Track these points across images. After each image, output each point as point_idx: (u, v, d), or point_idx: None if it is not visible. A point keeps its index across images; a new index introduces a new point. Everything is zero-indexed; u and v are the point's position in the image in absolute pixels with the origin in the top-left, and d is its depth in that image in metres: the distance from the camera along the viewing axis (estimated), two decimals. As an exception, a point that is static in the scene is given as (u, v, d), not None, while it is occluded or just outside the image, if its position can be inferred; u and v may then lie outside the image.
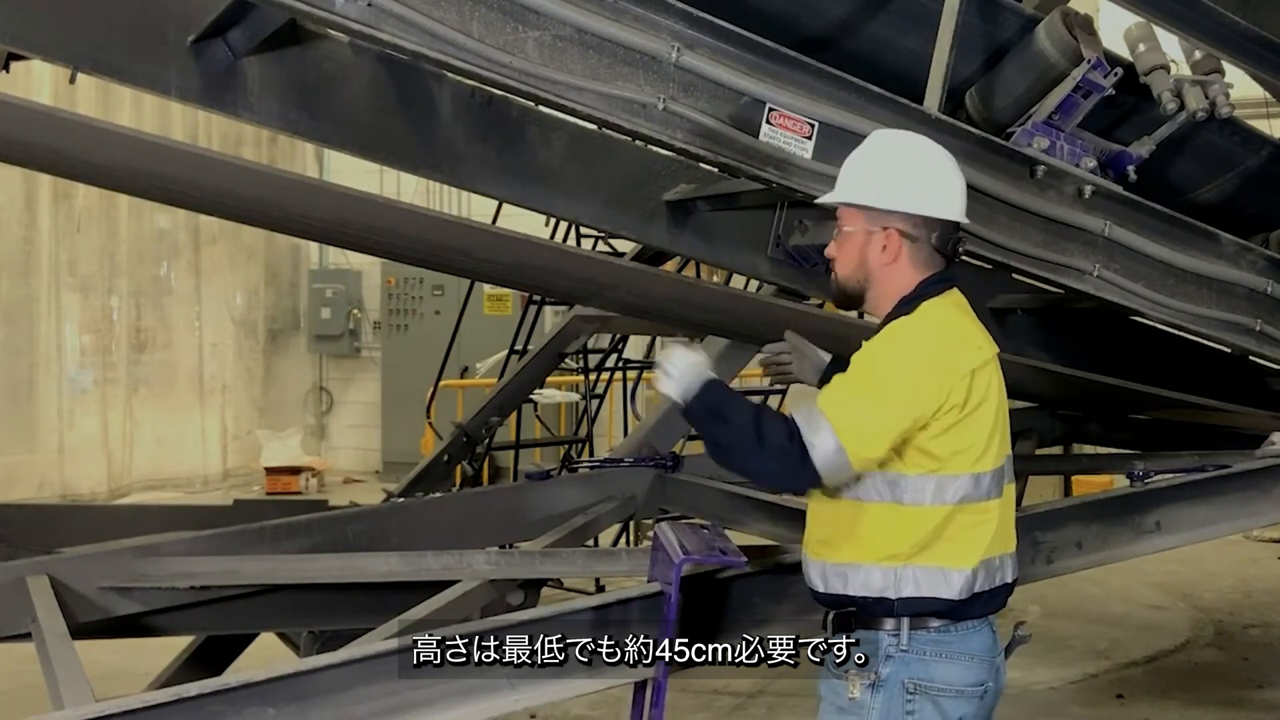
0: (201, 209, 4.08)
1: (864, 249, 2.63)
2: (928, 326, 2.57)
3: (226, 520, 4.15)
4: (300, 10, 2.54)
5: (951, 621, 2.56)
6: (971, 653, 2.58)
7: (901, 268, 2.62)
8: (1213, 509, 4.02)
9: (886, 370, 2.52)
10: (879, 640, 2.56)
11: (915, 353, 2.54)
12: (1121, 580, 7.52)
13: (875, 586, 2.56)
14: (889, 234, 2.61)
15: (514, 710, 2.69)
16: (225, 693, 2.40)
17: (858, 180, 2.65)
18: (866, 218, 2.62)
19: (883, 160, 2.65)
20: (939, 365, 2.52)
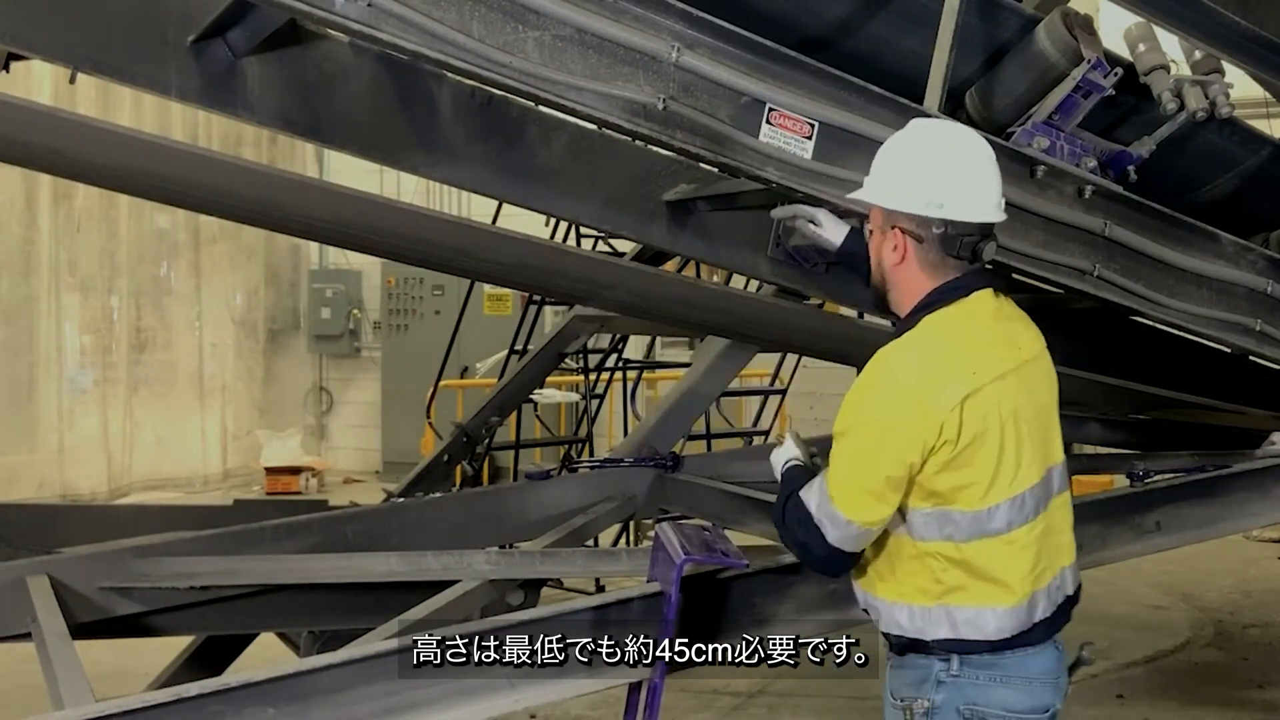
0: (201, 209, 4.08)
1: (879, 249, 2.57)
2: (909, 358, 2.45)
3: (226, 520, 4.15)
4: (300, 10, 2.53)
5: (1008, 648, 2.46)
6: (1030, 676, 2.48)
7: (910, 270, 2.52)
8: (1213, 509, 4.03)
9: (866, 420, 2.44)
10: (930, 666, 2.48)
11: (891, 394, 2.42)
12: (1121, 580, 7.52)
13: (904, 627, 2.50)
14: (895, 233, 2.52)
15: (514, 710, 2.69)
16: (225, 693, 2.40)
17: (875, 176, 2.58)
18: (882, 215, 2.55)
19: (902, 155, 2.56)
20: (918, 403, 2.38)
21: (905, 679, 2.52)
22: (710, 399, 5.69)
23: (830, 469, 2.48)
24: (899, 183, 2.52)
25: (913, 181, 2.50)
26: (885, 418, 2.41)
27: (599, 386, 8.65)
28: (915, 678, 2.50)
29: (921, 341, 2.47)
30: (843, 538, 2.45)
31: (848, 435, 2.46)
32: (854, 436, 2.45)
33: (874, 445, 2.41)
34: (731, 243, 3.86)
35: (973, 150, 2.57)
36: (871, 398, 2.45)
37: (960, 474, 2.40)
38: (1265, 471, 4.15)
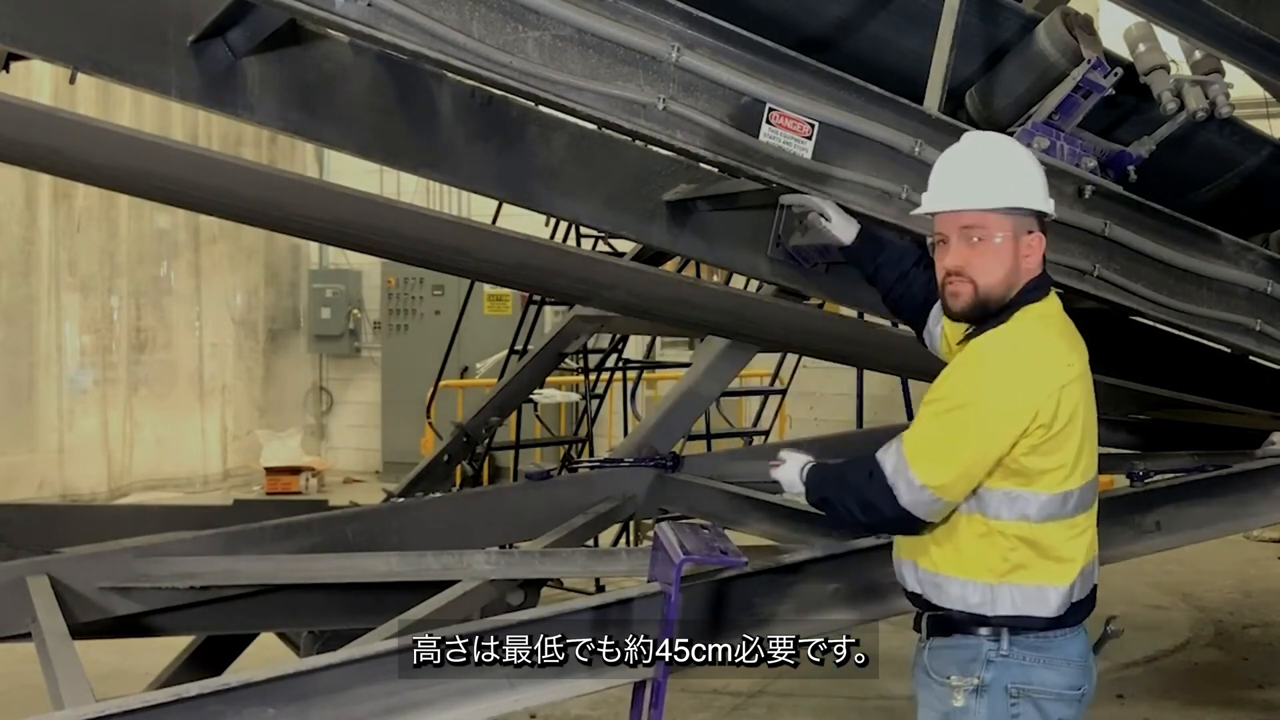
0: (201, 209, 4.08)
1: (1014, 254, 2.58)
2: (1016, 342, 2.55)
3: (226, 520, 4.15)
4: (300, 10, 2.53)
5: (1052, 628, 2.57)
6: (1069, 658, 2.59)
7: (1035, 268, 2.62)
8: (1213, 509, 4.03)
9: (968, 394, 2.51)
10: (980, 646, 2.56)
11: (1000, 372, 2.51)
12: (1121, 580, 7.52)
13: (972, 603, 2.57)
14: (1035, 237, 2.60)
15: (514, 710, 2.69)
16: (225, 693, 2.40)
17: (998, 181, 2.59)
18: (1014, 221, 2.58)
19: (1010, 160, 2.64)
20: (1025, 384, 2.49)
21: (951, 658, 2.59)
22: (710, 399, 5.69)
23: (914, 435, 2.53)
24: (1039, 186, 2.61)
25: (1038, 184, 2.62)
26: (992, 399, 2.49)
27: (599, 386, 8.65)
28: (964, 656, 2.57)
29: (1027, 331, 2.56)
30: (914, 502, 2.51)
31: (948, 409, 2.52)
32: (956, 411, 2.51)
33: (975, 423, 2.48)
34: (731, 243, 3.86)
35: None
36: (980, 378, 2.52)
37: (1048, 458, 2.50)
38: (1265, 471, 4.16)
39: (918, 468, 2.50)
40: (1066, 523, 2.56)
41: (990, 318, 2.59)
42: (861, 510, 2.60)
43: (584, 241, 7.73)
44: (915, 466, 2.50)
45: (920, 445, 2.52)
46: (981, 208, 2.57)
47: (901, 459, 2.51)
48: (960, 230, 2.58)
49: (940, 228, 2.62)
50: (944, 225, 2.61)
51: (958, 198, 2.60)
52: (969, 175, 2.61)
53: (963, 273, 2.58)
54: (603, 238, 7.51)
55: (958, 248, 2.58)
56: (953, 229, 2.59)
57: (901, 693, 3.06)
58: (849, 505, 2.62)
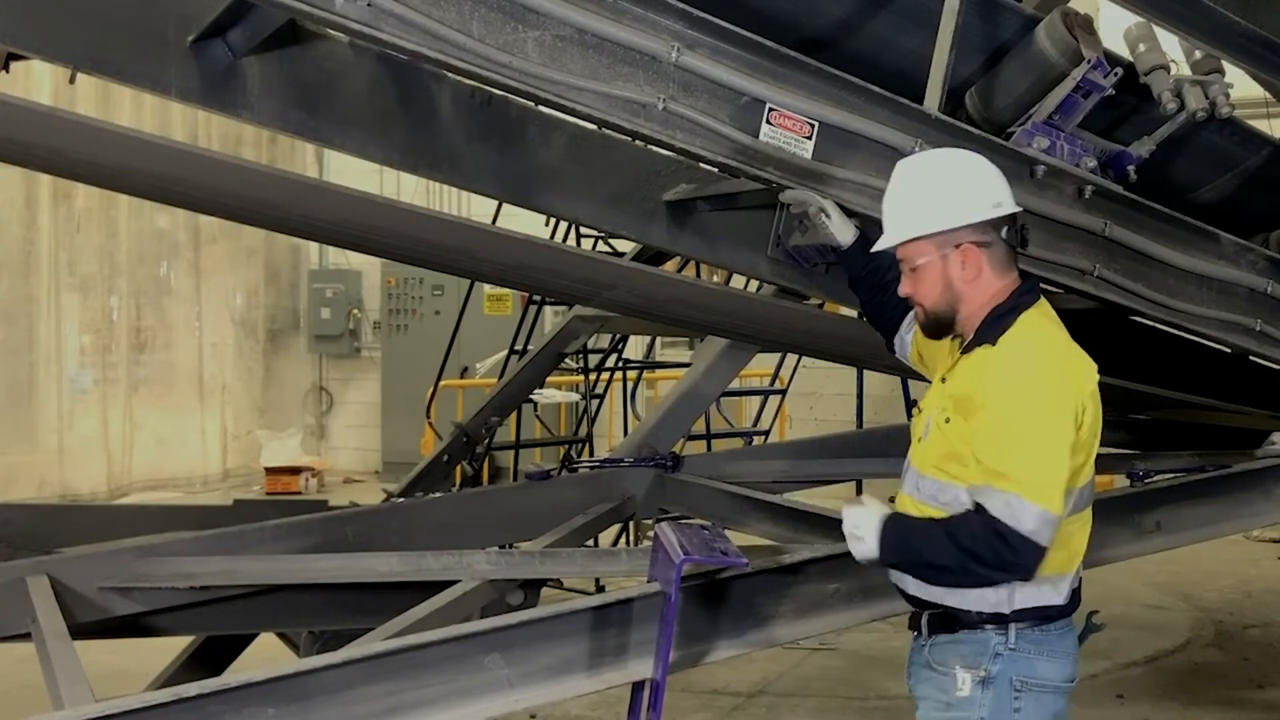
0: (201, 209, 4.08)
1: (945, 274, 2.65)
2: (1048, 351, 2.59)
3: (226, 520, 4.15)
4: (300, 10, 2.54)
5: (1058, 618, 2.63)
6: (1067, 650, 2.65)
7: (986, 278, 2.64)
8: (1213, 509, 4.03)
9: (1038, 411, 2.51)
10: (988, 640, 2.60)
11: (1052, 383, 2.54)
12: (1121, 580, 7.52)
13: (989, 603, 2.59)
14: (965, 250, 2.63)
15: (514, 710, 2.69)
16: (225, 693, 2.40)
17: (910, 212, 2.67)
18: (936, 244, 2.64)
19: (924, 184, 2.68)
20: (1073, 390, 2.54)
21: (958, 651, 2.62)
22: (710, 399, 5.69)
23: (1015, 477, 2.47)
24: (946, 205, 2.63)
25: (961, 197, 2.64)
26: (1055, 406, 2.50)
27: (599, 386, 8.65)
28: (972, 650, 2.61)
29: (1039, 337, 2.61)
30: (1052, 535, 2.50)
31: (1021, 433, 2.49)
32: (1031, 432, 2.49)
33: (1054, 435, 2.50)
34: (731, 243, 3.86)
35: (971, 155, 2.77)
36: (1032, 391, 2.52)
37: (1079, 455, 2.55)
38: (1265, 471, 4.16)
39: (1045, 500, 2.47)
40: (1081, 515, 2.63)
41: (986, 325, 2.64)
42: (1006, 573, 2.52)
43: (584, 241, 7.73)
44: (1042, 500, 2.46)
45: (1031, 480, 2.47)
46: (896, 242, 2.68)
47: (1030, 505, 2.45)
48: (900, 262, 2.72)
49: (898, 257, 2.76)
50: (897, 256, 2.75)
51: (885, 236, 2.72)
52: (889, 211, 2.73)
53: (913, 299, 2.72)
54: (603, 238, 7.51)
55: (904, 277, 2.72)
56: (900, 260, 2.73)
57: (901, 693, 3.07)
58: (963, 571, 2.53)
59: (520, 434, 8.31)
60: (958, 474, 2.59)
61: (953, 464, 2.60)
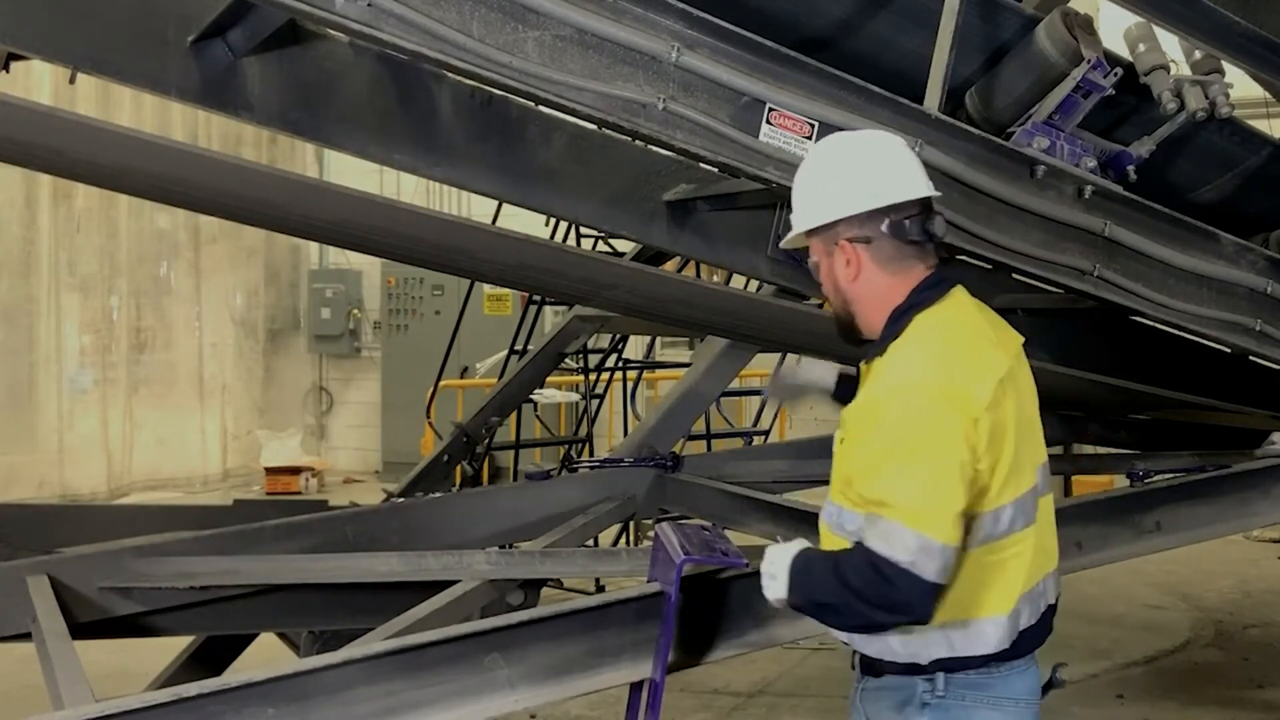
0: (201, 209, 4.08)
1: (832, 274, 2.43)
2: (926, 358, 2.28)
3: (226, 520, 4.15)
4: (300, 10, 2.54)
5: (995, 663, 2.31)
6: (1015, 696, 2.34)
7: (871, 277, 2.38)
8: (1213, 509, 4.03)
9: (917, 433, 2.20)
10: (914, 687, 2.32)
11: (928, 400, 2.22)
12: (1121, 580, 7.52)
13: (897, 653, 2.32)
14: (841, 246, 2.39)
15: (514, 710, 2.69)
16: (225, 693, 2.40)
17: (798, 213, 2.47)
18: (822, 241, 2.43)
19: (807, 180, 2.48)
20: (958, 400, 2.22)
21: (885, 701, 2.36)
22: (710, 399, 5.69)
23: (893, 504, 2.18)
24: (822, 198, 2.41)
25: (836, 188, 2.40)
26: (939, 425, 2.20)
27: (599, 386, 8.65)
28: (896, 699, 2.34)
29: (929, 342, 2.31)
30: (940, 569, 2.17)
31: (900, 457, 2.20)
32: (911, 455, 2.20)
33: (939, 457, 2.19)
34: (731, 243, 3.86)
35: (877, 139, 2.52)
36: (912, 411, 2.22)
37: (993, 472, 2.26)
38: (1265, 471, 4.15)
39: (925, 526, 2.15)
40: (1006, 543, 2.29)
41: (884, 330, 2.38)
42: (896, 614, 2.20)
43: (584, 241, 7.73)
44: (921, 526, 2.15)
45: (912, 507, 2.17)
46: (784, 246, 2.58)
47: (907, 532, 2.15)
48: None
49: None
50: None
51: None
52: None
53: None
54: (603, 238, 7.52)
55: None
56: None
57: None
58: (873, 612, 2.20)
59: (520, 434, 8.31)
60: (855, 499, 2.29)
61: (850, 488, 2.30)
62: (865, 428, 2.27)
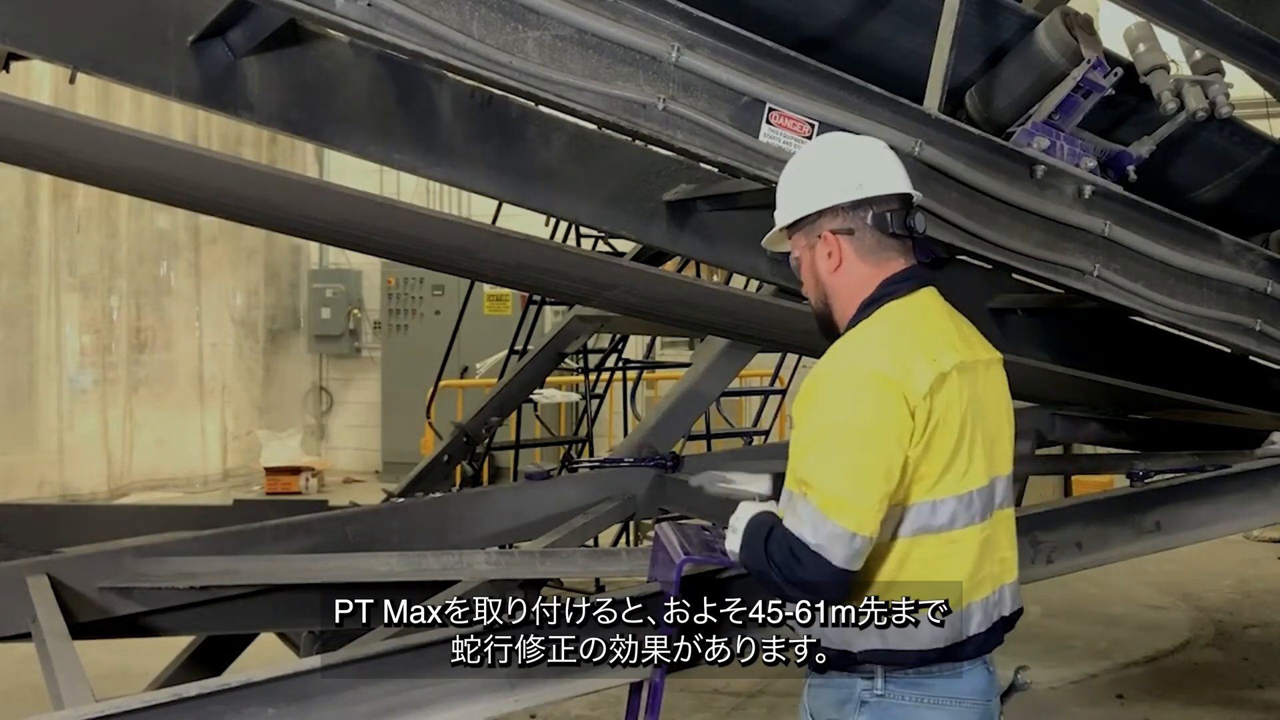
0: (201, 209, 4.08)
1: (814, 268, 2.45)
2: (870, 348, 2.30)
3: (226, 520, 4.15)
4: (300, 10, 2.54)
5: (937, 662, 2.28)
6: (960, 696, 2.30)
7: (851, 268, 2.40)
8: (1213, 509, 4.03)
9: (847, 419, 2.24)
10: (853, 685, 2.31)
11: (866, 386, 2.24)
12: (1121, 580, 7.52)
13: (831, 638, 2.30)
14: (824, 238, 2.41)
15: (514, 710, 2.69)
16: (225, 693, 2.40)
17: (783, 208, 2.51)
18: (804, 236, 2.45)
19: (789, 179, 2.52)
20: (896, 391, 2.23)
21: (827, 699, 2.36)
22: (710, 399, 5.69)
23: (813, 486, 2.22)
24: (807, 191, 2.45)
25: (821, 181, 2.44)
26: (868, 411, 2.23)
27: (599, 386, 8.65)
28: (837, 698, 2.34)
29: (879, 330, 2.34)
30: (849, 555, 2.20)
31: (826, 440, 2.25)
32: (836, 439, 2.24)
33: (864, 444, 2.22)
34: (731, 243, 3.86)
35: (859, 139, 2.59)
36: (844, 394, 2.26)
37: (932, 462, 2.26)
38: (1265, 471, 4.15)
39: (839, 514, 2.18)
40: (945, 537, 2.28)
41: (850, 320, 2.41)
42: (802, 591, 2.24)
43: (584, 241, 7.73)
44: (835, 514, 2.18)
45: (829, 493, 2.20)
46: (765, 245, 2.57)
47: (819, 515, 2.19)
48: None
49: None
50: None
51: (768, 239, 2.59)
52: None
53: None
54: (603, 238, 7.51)
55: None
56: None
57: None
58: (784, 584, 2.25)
59: (520, 434, 8.31)
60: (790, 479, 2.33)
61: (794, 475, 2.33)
62: (802, 408, 2.30)
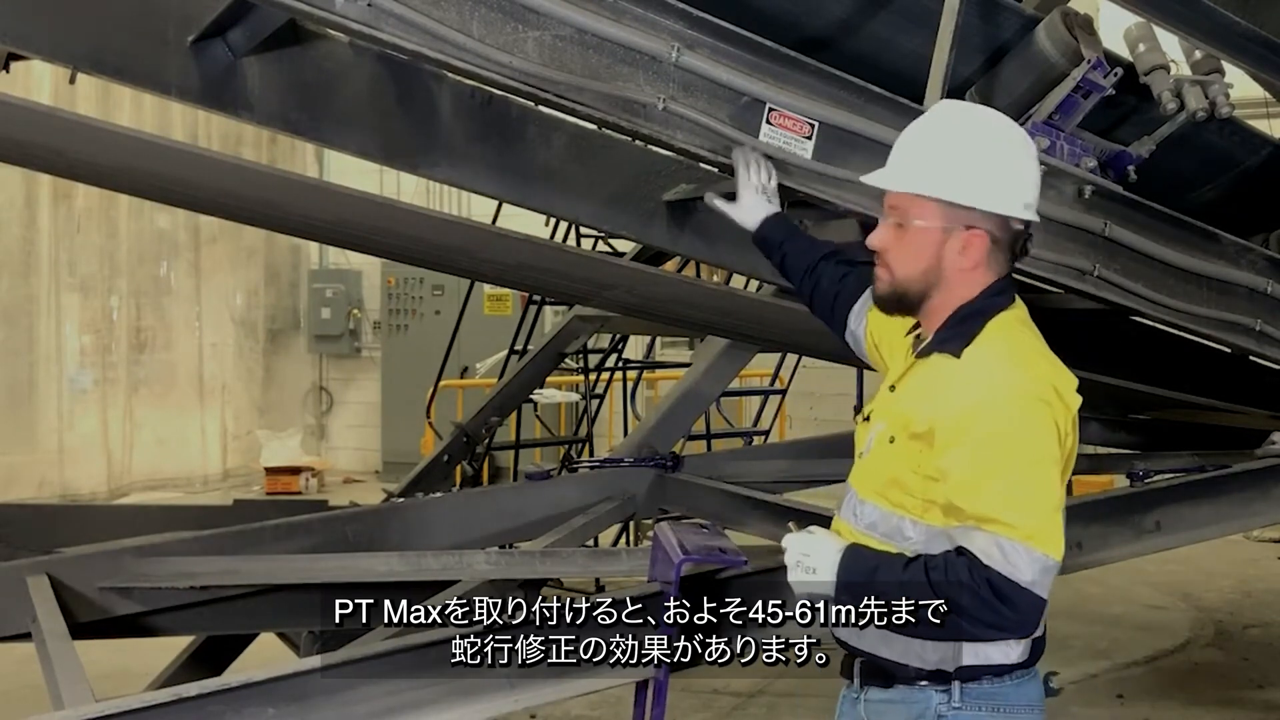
0: (201, 209, 4.08)
1: (940, 248, 2.24)
2: (1028, 366, 2.20)
3: (226, 520, 4.15)
4: (300, 10, 2.54)
5: (1009, 671, 2.24)
6: (1030, 703, 2.26)
7: (978, 274, 2.25)
8: (1213, 509, 4.03)
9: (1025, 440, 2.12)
10: (928, 700, 2.23)
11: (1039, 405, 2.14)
12: (1121, 580, 7.52)
13: (930, 660, 2.22)
14: (974, 235, 2.23)
15: (514, 710, 2.69)
16: (225, 693, 2.40)
17: (937, 165, 2.24)
18: (946, 213, 2.23)
19: (968, 143, 2.26)
20: (1059, 411, 2.16)
21: (894, 715, 2.27)
22: (710, 399, 5.69)
23: (1003, 520, 2.08)
24: (985, 182, 2.23)
25: (1003, 181, 2.25)
26: (1044, 437, 2.13)
27: (599, 386, 8.65)
28: (908, 714, 2.25)
29: (1015, 349, 2.23)
30: (1048, 585, 2.11)
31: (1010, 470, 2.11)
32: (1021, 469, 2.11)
33: (1047, 470, 2.13)
34: (731, 243, 3.86)
35: (1026, 140, 2.36)
36: (1017, 420, 2.13)
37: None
38: (1265, 471, 4.16)
39: (1046, 545, 2.08)
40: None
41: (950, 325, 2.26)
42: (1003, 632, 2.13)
43: (584, 241, 7.73)
44: (1042, 545, 2.08)
45: (1028, 519, 2.08)
46: (905, 189, 2.26)
47: (1029, 550, 2.07)
48: (887, 209, 2.29)
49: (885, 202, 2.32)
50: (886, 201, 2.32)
51: (886, 175, 2.30)
52: (908, 151, 2.30)
53: (882, 258, 2.30)
54: (603, 238, 7.51)
55: (881, 229, 2.29)
56: (885, 208, 2.30)
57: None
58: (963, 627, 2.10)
59: (520, 434, 8.31)
60: (901, 502, 2.21)
61: (896, 491, 2.23)
62: (959, 444, 2.13)
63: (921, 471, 2.19)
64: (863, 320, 2.64)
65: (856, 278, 2.70)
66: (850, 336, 2.73)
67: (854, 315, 2.69)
